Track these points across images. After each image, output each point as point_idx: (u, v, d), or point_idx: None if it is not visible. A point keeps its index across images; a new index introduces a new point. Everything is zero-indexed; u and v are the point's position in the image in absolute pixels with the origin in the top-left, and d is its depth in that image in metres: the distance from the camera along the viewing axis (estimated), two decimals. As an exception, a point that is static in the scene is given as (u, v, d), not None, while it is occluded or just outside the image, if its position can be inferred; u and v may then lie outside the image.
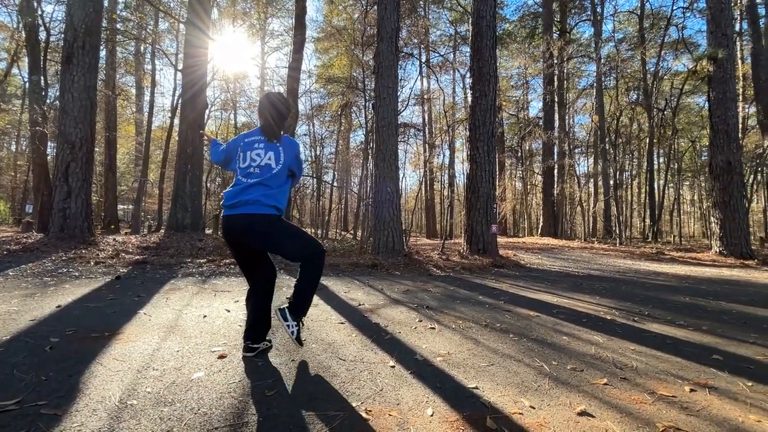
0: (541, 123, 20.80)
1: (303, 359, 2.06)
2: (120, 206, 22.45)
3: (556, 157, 20.64)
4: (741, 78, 16.76)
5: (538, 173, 23.66)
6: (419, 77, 21.89)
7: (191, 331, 2.48)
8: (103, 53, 14.90)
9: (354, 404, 1.56)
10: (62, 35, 8.87)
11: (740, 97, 15.93)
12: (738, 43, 17.09)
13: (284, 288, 4.17)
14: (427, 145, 22.36)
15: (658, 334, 2.82)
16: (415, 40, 17.32)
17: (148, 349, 2.12)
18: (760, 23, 12.84)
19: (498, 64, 11.52)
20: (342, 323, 2.83)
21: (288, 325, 2.01)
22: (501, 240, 13.94)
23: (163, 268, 5.26)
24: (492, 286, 4.96)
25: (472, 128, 8.48)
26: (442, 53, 20.92)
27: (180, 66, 11.64)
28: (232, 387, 1.68)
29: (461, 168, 19.59)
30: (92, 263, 5.31)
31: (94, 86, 7.79)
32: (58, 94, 10.17)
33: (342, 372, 1.90)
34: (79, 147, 7.39)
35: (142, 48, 18.48)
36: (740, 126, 13.77)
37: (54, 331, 2.35)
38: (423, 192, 25.78)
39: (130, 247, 6.82)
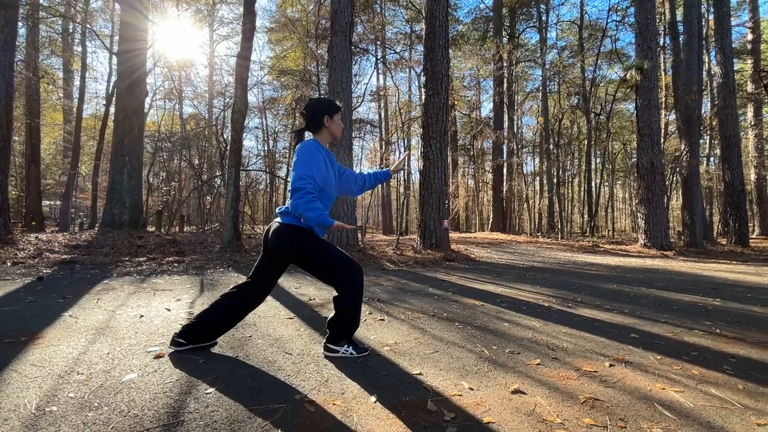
0: (491, 123, 21.73)
1: (247, 355, 2.01)
2: (46, 202, 20.27)
3: (505, 156, 21.70)
4: (664, 88, 18.61)
5: (488, 171, 24.72)
6: (375, 73, 21.91)
7: (125, 332, 2.32)
8: (22, 30, 13.32)
9: (298, 396, 1.56)
10: (-30, 6, 7.78)
11: (663, 105, 17.71)
12: (662, 56, 18.97)
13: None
14: (383, 141, 22.51)
15: (588, 317, 3.08)
16: (371, 36, 17.31)
17: (72, 352, 1.95)
18: (680, 39, 14.30)
19: (451, 65, 11.85)
20: (291, 318, 2.79)
21: (341, 352, 2.00)
22: (453, 235, 14.41)
23: (96, 268, 4.85)
24: (442, 278, 5.12)
25: (426, 126, 8.66)
26: (397, 51, 21.10)
27: (115, 49, 10.71)
28: (168, 387, 1.60)
29: (417, 165, 19.98)
30: (9, 264, 4.76)
31: (10, 66, 6.96)
32: (-35, 73, 8.93)
33: (288, 366, 1.88)
34: (-7, 134, 6.58)
35: (70, 27, 16.74)
36: (662, 131, 15.32)
37: (-42, 338, 2.09)
38: (379, 188, 25.94)
39: (56, 245, 6.20)
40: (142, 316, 2.70)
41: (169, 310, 2.90)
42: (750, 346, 2.41)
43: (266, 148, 22.88)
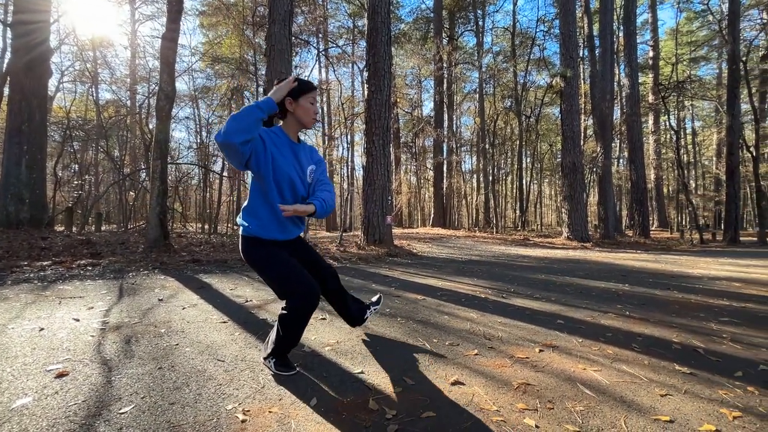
0: (432, 121, 22.38)
1: (173, 366, 1.82)
2: None
3: (445, 153, 22.51)
4: (583, 95, 20.55)
5: (429, 168, 25.47)
6: (317, 66, 21.45)
7: (18, 349, 1.99)
8: None
9: (230, 406, 1.44)
10: None
11: (582, 111, 19.55)
12: (581, 66, 20.90)
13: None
14: (326, 136, 22.10)
15: (520, 307, 3.28)
16: (312, 28, 16.85)
17: (-56, 378, 1.62)
18: (596, 51, 15.89)
19: (394, 63, 11.94)
20: (224, 322, 2.60)
21: (265, 364, 1.83)
22: (396, 231, 14.65)
23: (-16, 275, 4.13)
24: (385, 274, 5.15)
25: (369, 122, 8.64)
26: (340, 45, 20.81)
27: (9, 20, 9.20)
28: (72, 410, 1.39)
29: (360, 161, 19.96)
30: None
31: None
32: None
33: (219, 374, 1.74)
34: None
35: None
36: (582, 134, 16.93)
37: None
38: (322, 184, 25.46)
39: (-69, 249, 5.19)
40: (42, 329, 2.34)
41: (78, 320, 2.55)
42: (653, 326, 2.73)
43: (199, 140, 21.28)
